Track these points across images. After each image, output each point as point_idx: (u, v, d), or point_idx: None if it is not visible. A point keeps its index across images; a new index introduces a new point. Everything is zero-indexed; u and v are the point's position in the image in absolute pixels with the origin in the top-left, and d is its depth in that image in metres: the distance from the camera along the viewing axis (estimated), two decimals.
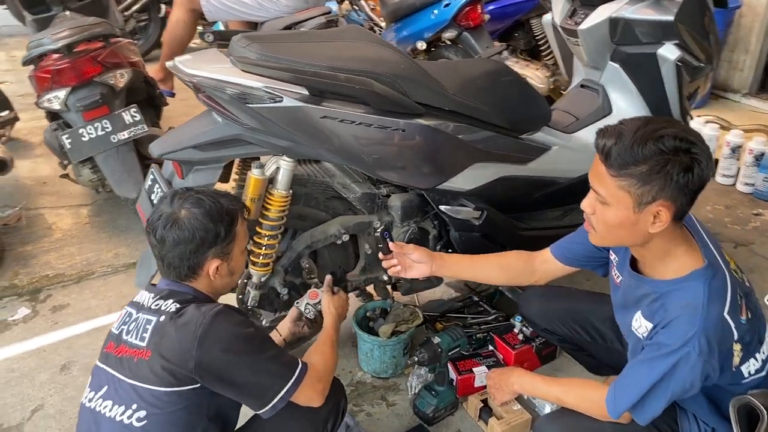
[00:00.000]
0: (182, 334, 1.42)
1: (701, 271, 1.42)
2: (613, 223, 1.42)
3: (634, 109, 2.67)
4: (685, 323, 1.37)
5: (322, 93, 1.88)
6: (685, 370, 1.39)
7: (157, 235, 1.52)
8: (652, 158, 1.30)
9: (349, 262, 2.39)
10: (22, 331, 2.74)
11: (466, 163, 2.19)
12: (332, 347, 1.76)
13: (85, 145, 2.90)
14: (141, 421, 1.42)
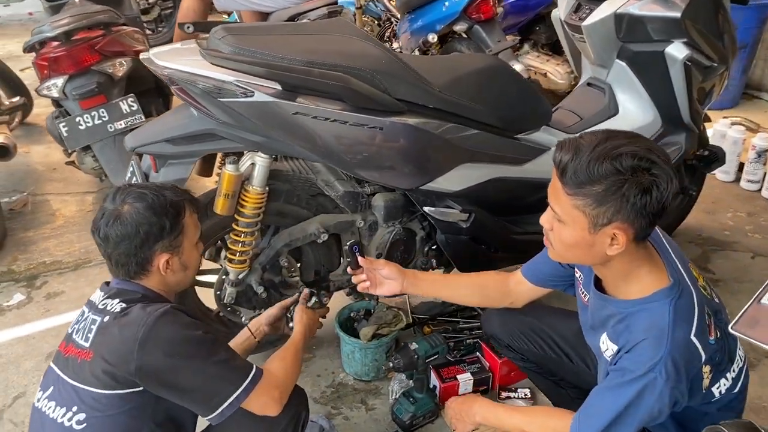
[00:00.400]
0: (124, 335, 1.38)
1: (666, 291, 1.34)
2: (568, 242, 1.34)
3: (641, 110, 2.55)
4: (650, 348, 1.29)
5: (296, 88, 1.81)
6: (651, 398, 1.30)
7: (101, 233, 1.48)
8: (608, 178, 1.21)
9: (333, 262, 2.33)
10: (14, 317, 2.76)
11: (453, 164, 2.11)
12: (295, 356, 1.70)
13: (82, 134, 2.90)
14: (81, 424, 1.39)
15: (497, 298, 1.86)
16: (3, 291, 2.93)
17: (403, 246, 2.30)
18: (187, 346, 1.40)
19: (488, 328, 1.98)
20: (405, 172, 2.02)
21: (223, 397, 1.42)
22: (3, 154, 3.22)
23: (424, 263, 2.38)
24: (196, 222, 1.60)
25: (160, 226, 1.47)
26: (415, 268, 2.39)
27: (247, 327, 1.97)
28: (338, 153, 1.92)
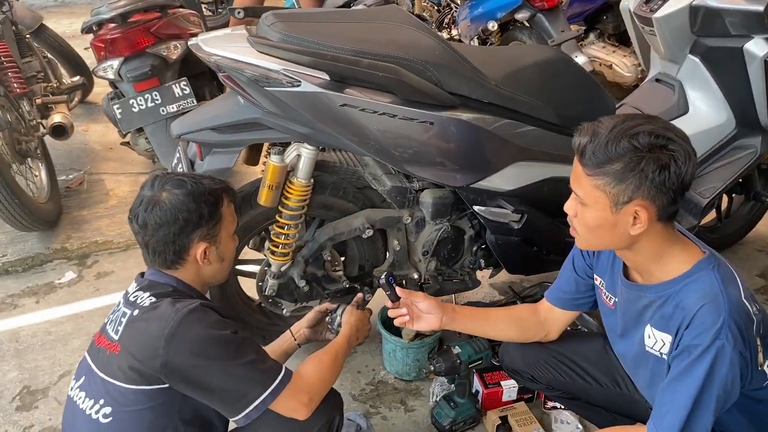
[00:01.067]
0: (151, 330, 1.35)
1: (705, 260, 1.32)
2: (592, 224, 1.34)
3: (713, 110, 2.39)
4: (709, 313, 1.25)
5: (344, 79, 1.75)
6: (723, 368, 1.24)
7: (139, 220, 1.45)
8: (626, 155, 1.23)
9: (378, 257, 2.27)
10: (65, 295, 2.82)
11: (506, 162, 2.01)
12: (334, 359, 1.63)
13: (135, 116, 2.92)
14: (107, 418, 1.37)
15: (533, 329, 1.78)
16: (56, 268, 2.99)
17: (451, 244, 2.22)
18: (214, 346, 1.37)
19: (508, 362, 1.88)
20: (455, 169, 1.93)
21: (250, 398, 1.38)
22: (60, 133, 3.28)
23: (472, 263, 2.29)
24: (233, 213, 1.57)
25: (199, 214, 1.44)
26: (463, 267, 2.31)
27: (289, 330, 1.93)
28: (386, 147, 1.84)
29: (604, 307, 1.61)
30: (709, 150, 2.41)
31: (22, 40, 3.57)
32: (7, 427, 2.14)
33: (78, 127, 4.38)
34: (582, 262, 1.66)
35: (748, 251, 3.09)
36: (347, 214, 2.13)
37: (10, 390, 2.30)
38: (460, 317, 1.75)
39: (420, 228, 2.18)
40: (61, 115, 3.33)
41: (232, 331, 1.42)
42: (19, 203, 2.84)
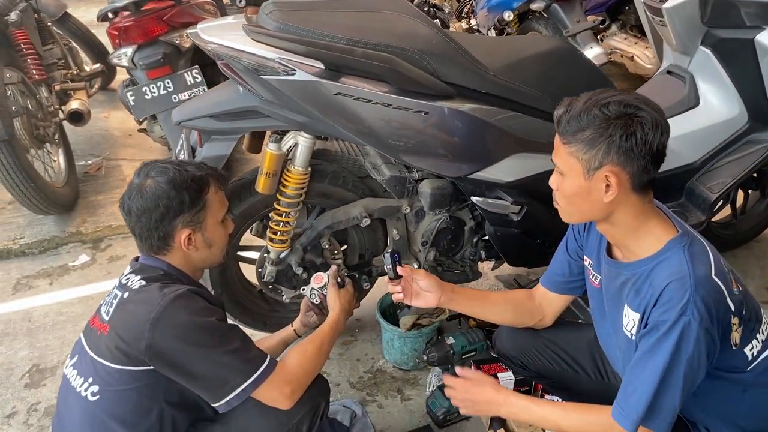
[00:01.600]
0: (138, 313, 1.39)
1: (677, 239, 1.35)
2: (568, 193, 1.39)
3: (725, 103, 2.33)
4: (675, 290, 1.28)
5: (339, 68, 1.75)
6: (690, 344, 1.26)
7: (125, 207, 1.49)
8: (595, 122, 1.28)
9: (378, 246, 2.28)
10: (78, 277, 2.89)
11: (505, 153, 1.99)
12: (320, 347, 1.64)
13: (148, 103, 2.96)
14: (95, 396, 1.41)
15: (528, 314, 1.79)
16: (70, 251, 3.07)
17: (451, 235, 2.21)
18: (199, 332, 1.39)
19: (500, 346, 1.88)
20: (452, 159, 1.92)
21: (232, 386, 1.40)
22: (77, 119, 3.35)
23: (472, 254, 2.28)
24: (222, 199, 1.58)
25: (179, 201, 1.46)
26: (463, 258, 2.30)
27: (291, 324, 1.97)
28: (382, 137, 1.84)
29: (591, 288, 1.62)
30: (720, 144, 2.36)
31: (44, 28, 3.64)
32: (15, 403, 2.21)
33: (99, 114, 4.49)
34: (574, 243, 1.68)
35: (764, 248, 3.02)
36: (346, 203, 2.14)
37: (20, 367, 2.37)
38: (458, 297, 1.76)
39: (419, 218, 2.18)
40: (78, 101, 3.40)
41: (218, 318, 1.44)
42: (35, 187, 2.91)
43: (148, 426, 1.43)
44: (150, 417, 1.43)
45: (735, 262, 2.89)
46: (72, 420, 1.46)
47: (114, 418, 1.41)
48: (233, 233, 1.75)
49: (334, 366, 2.35)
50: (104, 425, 1.41)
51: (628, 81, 4.71)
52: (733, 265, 2.84)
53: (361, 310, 2.48)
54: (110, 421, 1.41)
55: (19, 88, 3.08)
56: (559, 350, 1.79)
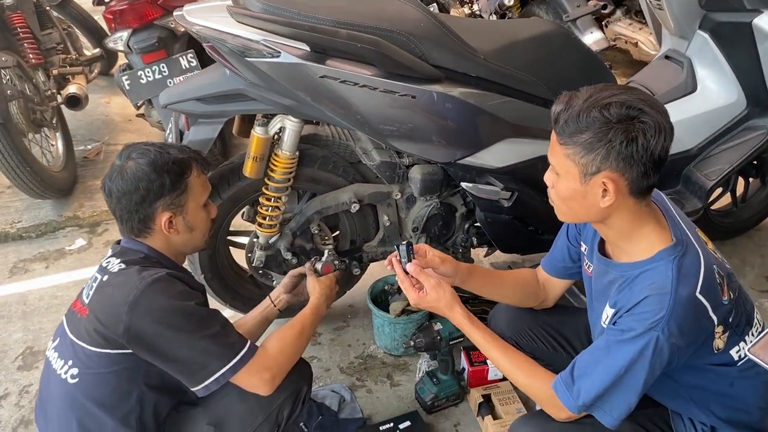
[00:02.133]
0: (116, 296, 1.38)
1: (669, 249, 1.29)
2: (563, 195, 1.33)
3: (723, 88, 2.30)
4: (652, 304, 1.24)
5: (325, 50, 1.73)
6: (651, 354, 1.25)
7: (106, 189, 1.48)
8: (595, 126, 1.21)
9: (369, 232, 2.26)
10: (73, 261, 2.90)
11: (495, 138, 1.97)
12: (300, 333, 1.63)
13: (143, 88, 2.95)
14: (74, 378, 1.41)
15: (533, 295, 1.76)
16: (67, 235, 3.08)
17: (442, 221, 2.20)
18: (177, 316, 1.38)
19: (494, 326, 1.86)
20: (441, 144, 1.91)
21: (210, 371, 1.40)
22: (74, 104, 3.35)
23: (464, 240, 2.27)
24: (205, 183, 1.57)
25: (160, 183, 1.45)
26: (455, 244, 2.29)
27: (269, 297, 1.94)
28: (369, 121, 1.83)
29: (585, 275, 1.60)
30: (718, 130, 2.33)
31: (43, 12, 3.64)
32: (8, 385, 2.23)
33: (100, 99, 4.50)
34: (573, 229, 1.65)
35: (764, 237, 2.98)
36: (337, 189, 2.12)
37: (14, 350, 2.39)
38: (473, 279, 1.69)
39: (410, 204, 2.16)
40: (76, 86, 3.40)
41: (197, 302, 1.43)
42: (31, 171, 2.92)
43: (128, 409, 1.43)
44: (129, 400, 1.43)
45: (735, 250, 2.86)
46: (53, 402, 1.47)
47: (93, 401, 1.41)
48: (217, 218, 1.74)
49: (325, 351, 2.35)
50: (84, 408, 1.42)
51: (633, 67, 4.65)
52: (732, 254, 2.83)
53: (353, 296, 2.48)
54: (89, 403, 1.41)
55: (16, 72, 3.08)
56: (554, 332, 1.78)
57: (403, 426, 1.96)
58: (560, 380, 1.36)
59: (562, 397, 1.34)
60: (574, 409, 1.33)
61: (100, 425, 1.42)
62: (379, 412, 2.09)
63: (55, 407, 1.47)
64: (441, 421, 2.06)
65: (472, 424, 2.05)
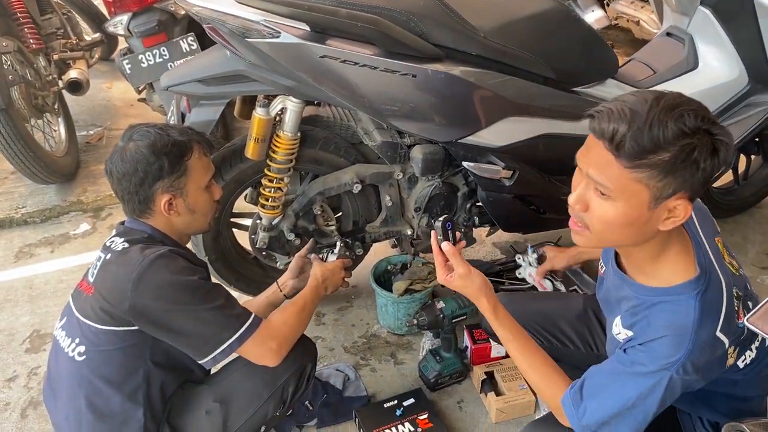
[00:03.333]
0: (120, 274, 1.40)
1: (693, 282, 1.19)
2: (617, 222, 1.14)
3: (725, 65, 2.28)
4: (669, 346, 1.17)
5: (325, 30, 1.73)
6: (663, 393, 1.20)
7: (107, 169, 1.49)
8: (677, 142, 1.05)
9: (372, 213, 2.27)
10: (79, 245, 2.92)
11: (497, 117, 1.97)
12: (300, 311, 1.64)
13: (144, 72, 2.94)
14: (81, 356, 1.44)
15: None
16: (71, 220, 3.10)
17: (444, 201, 2.20)
18: (181, 290, 1.40)
19: (485, 325, 1.86)
20: (442, 123, 1.91)
21: (217, 342, 1.42)
22: (75, 89, 3.35)
23: (466, 220, 2.28)
24: (207, 165, 1.57)
25: (158, 166, 1.45)
26: (456, 224, 2.29)
27: (276, 282, 1.95)
28: (370, 101, 1.83)
29: (600, 279, 1.54)
30: (720, 107, 2.31)
31: None
32: (16, 367, 2.26)
33: (102, 84, 4.49)
34: None
35: (765, 214, 2.99)
36: (339, 170, 2.13)
37: (21, 333, 2.41)
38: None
39: (412, 184, 2.17)
40: (77, 71, 3.40)
41: (200, 277, 1.45)
42: (34, 156, 2.93)
43: (135, 385, 1.46)
44: (137, 376, 1.46)
45: (736, 228, 2.87)
46: (61, 379, 1.49)
47: (100, 378, 1.44)
48: (222, 200, 1.75)
49: (330, 331, 2.37)
50: (91, 384, 1.44)
51: (634, 46, 4.62)
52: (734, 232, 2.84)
53: (357, 277, 2.49)
54: (97, 380, 1.44)
55: (16, 57, 3.07)
56: (547, 324, 1.76)
57: (407, 403, 1.98)
58: (569, 395, 1.30)
59: (569, 413, 1.29)
60: (578, 428, 1.29)
61: (107, 401, 1.44)
62: (383, 390, 2.11)
63: (64, 385, 1.49)
64: (444, 398, 2.08)
65: (475, 401, 2.07)
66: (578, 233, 1.24)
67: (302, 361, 1.59)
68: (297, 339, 1.58)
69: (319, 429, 1.98)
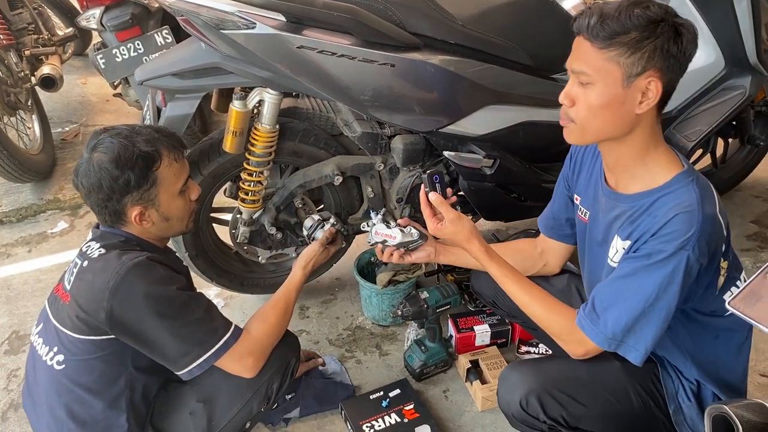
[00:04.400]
0: (96, 282, 1.37)
1: (685, 173, 1.30)
2: (598, 102, 1.26)
3: (701, 50, 2.25)
4: (683, 222, 1.24)
5: (301, 20, 1.71)
6: (680, 276, 1.25)
7: (74, 183, 1.46)
8: (641, 24, 1.19)
9: (354, 204, 2.26)
10: (57, 244, 2.87)
11: (476, 105, 1.97)
12: (283, 311, 1.62)
13: (119, 66, 2.89)
14: (60, 365, 1.41)
15: (531, 260, 1.77)
16: (48, 219, 3.05)
17: None
18: (158, 302, 1.37)
19: (476, 284, 1.90)
20: (422, 113, 1.90)
21: (193, 357, 1.40)
22: (48, 85, 3.29)
23: None
24: (179, 170, 1.50)
25: (125, 181, 1.40)
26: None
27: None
28: (348, 91, 1.81)
29: (579, 224, 1.59)
30: (698, 91, 2.32)
31: None
32: None
33: (76, 80, 4.42)
34: (564, 182, 1.65)
35: (743, 197, 3.02)
36: (319, 162, 2.11)
37: (0, 335, 2.37)
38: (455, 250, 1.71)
39: (393, 175, 2.16)
40: (50, 66, 3.33)
41: (179, 287, 1.41)
42: (8, 154, 2.87)
43: (117, 392, 1.44)
44: (118, 383, 1.44)
45: None
46: (40, 388, 1.47)
47: (80, 387, 1.42)
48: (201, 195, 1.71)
49: (314, 324, 2.36)
50: (71, 393, 1.42)
51: None
52: None
53: (340, 269, 2.49)
54: (77, 389, 1.42)
55: None
56: None
57: (393, 394, 1.98)
58: (583, 316, 1.35)
59: (589, 331, 1.33)
60: (604, 343, 1.32)
61: (88, 409, 1.42)
62: (369, 381, 2.11)
63: (43, 393, 1.47)
64: (430, 387, 2.08)
65: (461, 389, 2.07)
66: (568, 130, 1.36)
67: (286, 357, 1.58)
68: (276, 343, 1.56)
69: (303, 418, 1.97)
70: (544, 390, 1.41)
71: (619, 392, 1.45)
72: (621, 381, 1.45)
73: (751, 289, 0.93)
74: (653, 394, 1.48)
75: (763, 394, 1.98)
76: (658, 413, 1.48)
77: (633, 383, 1.46)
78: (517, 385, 1.45)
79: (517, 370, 1.50)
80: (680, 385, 1.48)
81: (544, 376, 1.45)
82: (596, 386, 1.44)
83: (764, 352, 2.11)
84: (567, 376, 1.45)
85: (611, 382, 1.45)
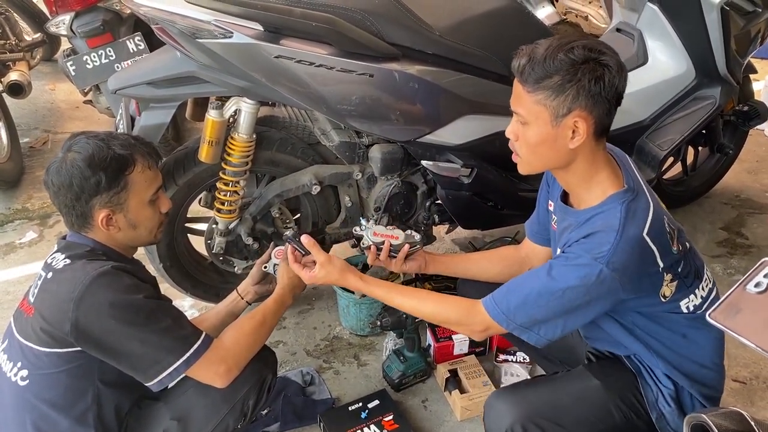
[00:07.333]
0: (61, 293, 1.33)
1: (620, 194, 1.37)
2: (534, 141, 1.36)
3: (673, 60, 2.34)
4: (599, 238, 1.32)
5: (279, 30, 1.70)
6: (593, 285, 1.31)
7: (44, 181, 1.42)
8: (563, 68, 1.27)
9: (331, 214, 2.25)
10: (25, 255, 2.80)
11: (454, 115, 1.97)
12: (258, 327, 1.57)
13: (90, 73, 2.83)
14: (24, 381, 1.37)
15: (516, 266, 1.78)
16: (17, 228, 2.97)
17: (403, 200, 2.19)
18: (124, 311, 1.33)
19: (462, 291, 1.89)
20: (400, 123, 1.90)
21: (163, 366, 1.36)
22: (16, 92, 3.21)
23: (425, 218, 2.27)
24: (151, 178, 1.47)
25: (95, 181, 1.37)
26: (417, 222, 2.29)
27: (236, 290, 1.87)
28: (327, 101, 1.80)
29: (551, 231, 1.64)
30: (669, 101, 2.37)
31: None
32: None
33: (44, 86, 4.33)
34: (546, 186, 1.68)
35: (713, 204, 3.08)
36: (296, 171, 2.10)
37: None
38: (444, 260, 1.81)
39: (371, 184, 2.16)
40: (18, 72, 3.26)
41: (146, 296, 1.38)
42: None
43: (84, 408, 1.40)
44: (85, 399, 1.40)
45: (686, 217, 2.94)
46: (5, 406, 1.42)
47: (45, 402, 1.37)
48: (175, 204, 1.69)
49: (291, 335, 2.34)
50: (37, 410, 1.38)
51: None
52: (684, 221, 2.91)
53: None
54: (42, 405, 1.37)
55: None
56: None
57: (372, 405, 1.97)
58: (490, 296, 1.43)
59: (491, 308, 1.41)
60: (503, 320, 1.39)
61: (54, 426, 1.38)
62: (347, 392, 2.10)
63: (8, 410, 1.42)
64: (409, 398, 2.08)
65: (439, 399, 2.07)
66: (518, 163, 1.45)
67: (262, 373, 1.54)
68: (252, 356, 1.52)
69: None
70: (528, 419, 1.43)
71: (601, 410, 1.49)
72: (602, 398, 1.49)
73: (730, 301, 0.94)
74: (634, 406, 1.51)
75: (736, 399, 2.02)
76: (640, 423, 1.50)
77: (614, 399, 1.49)
78: (502, 415, 1.46)
79: (501, 399, 1.52)
80: (659, 392, 1.51)
81: (527, 403, 1.47)
82: (578, 408, 1.48)
83: (736, 358, 2.15)
84: (550, 401, 1.49)
85: (593, 402, 1.49)
